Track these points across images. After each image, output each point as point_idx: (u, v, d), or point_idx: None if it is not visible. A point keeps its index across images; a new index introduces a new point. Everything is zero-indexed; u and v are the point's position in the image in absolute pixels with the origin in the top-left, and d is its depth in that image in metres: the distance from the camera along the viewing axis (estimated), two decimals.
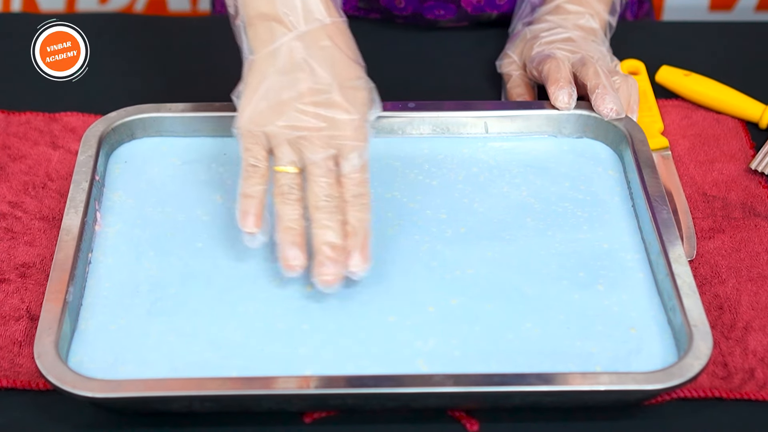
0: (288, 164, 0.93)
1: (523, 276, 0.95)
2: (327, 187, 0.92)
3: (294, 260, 0.91)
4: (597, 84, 1.05)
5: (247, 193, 0.93)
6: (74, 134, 1.11)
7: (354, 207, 0.92)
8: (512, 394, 0.85)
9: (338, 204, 0.92)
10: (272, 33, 0.94)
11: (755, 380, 0.90)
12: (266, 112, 0.93)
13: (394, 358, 0.88)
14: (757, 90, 1.17)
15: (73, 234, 0.94)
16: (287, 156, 0.93)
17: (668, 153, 1.10)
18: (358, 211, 0.92)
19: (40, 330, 0.86)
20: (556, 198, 1.02)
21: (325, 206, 0.91)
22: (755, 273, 0.99)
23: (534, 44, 1.12)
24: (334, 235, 0.91)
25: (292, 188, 0.92)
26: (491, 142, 1.08)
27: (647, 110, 1.13)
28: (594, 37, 1.13)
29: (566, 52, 1.09)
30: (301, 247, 0.91)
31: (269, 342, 0.89)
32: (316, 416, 0.87)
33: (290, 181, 0.93)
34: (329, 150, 0.92)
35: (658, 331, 0.91)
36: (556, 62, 1.08)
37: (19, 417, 0.87)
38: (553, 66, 1.08)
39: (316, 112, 0.92)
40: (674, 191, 1.05)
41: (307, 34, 0.93)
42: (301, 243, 0.91)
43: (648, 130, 1.10)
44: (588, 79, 1.06)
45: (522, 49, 1.15)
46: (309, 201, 0.92)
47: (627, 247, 0.98)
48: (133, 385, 0.84)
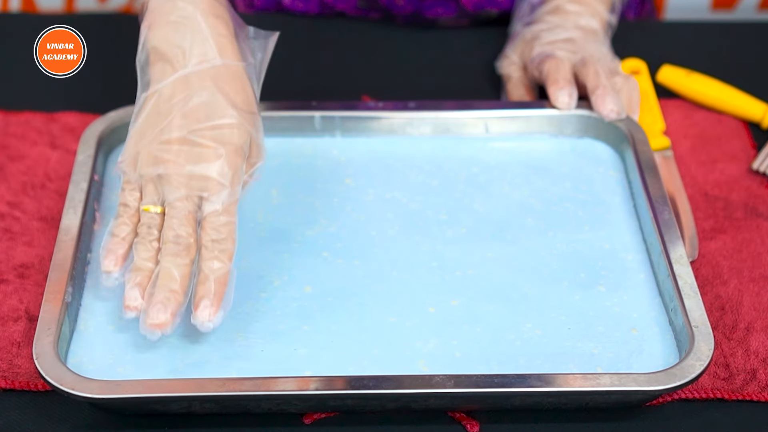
0: (150, 204, 0.90)
1: (524, 276, 0.95)
2: (177, 227, 0.89)
3: (131, 301, 0.87)
4: (597, 84, 1.05)
5: (114, 232, 0.90)
6: (73, 134, 1.11)
7: (210, 253, 0.88)
8: (513, 395, 0.85)
9: (187, 246, 0.89)
10: (163, 72, 0.93)
11: (757, 381, 0.90)
12: (139, 154, 0.91)
13: (395, 358, 0.88)
14: (759, 90, 1.17)
15: (72, 234, 0.93)
16: (150, 196, 0.90)
17: (670, 153, 1.09)
18: (212, 258, 0.88)
19: (38, 330, 0.86)
20: (557, 198, 1.02)
21: (171, 249, 0.88)
22: (757, 273, 0.98)
23: (534, 45, 1.12)
24: (171, 279, 0.87)
25: (151, 228, 0.90)
26: (492, 142, 1.08)
27: (648, 110, 1.13)
28: (594, 37, 1.13)
29: (567, 53, 1.09)
30: (142, 289, 0.88)
31: (269, 343, 0.89)
32: (316, 417, 0.87)
33: (150, 221, 0.90)
34: (189, 191, 0.89)
35: (660, 331, 0.91)
36: (556, 62, 1.08)
37: (18, 418, 0.87)
38: (553, 66, 1.07)
39: (179, 150, 0.90)
40: (676, 192, 1.05)
41: (192, 75, 0.92)
42: (145, 284, 0.88)
43: (649, 130, 1.10)
44: (588, 79, 1.06)
45: (522, 49, 1.15)
46: (161, 242, 0.90)
47: (628, 248, 0.98)
48: (132, 386, 0.84)
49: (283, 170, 1.04)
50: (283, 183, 1.03)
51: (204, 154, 0.90)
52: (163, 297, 0.86)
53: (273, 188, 1.02)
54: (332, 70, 1.16)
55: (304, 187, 1.03)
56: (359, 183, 1.03)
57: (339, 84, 1.08)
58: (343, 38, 1.27)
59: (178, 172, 0.89)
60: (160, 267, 0.88)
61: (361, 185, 1.03)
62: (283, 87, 1.17)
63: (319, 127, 1.07)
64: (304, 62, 1.08)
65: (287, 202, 1.01)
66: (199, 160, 0.89)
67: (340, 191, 1.02)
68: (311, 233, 0.98)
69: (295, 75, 1.20)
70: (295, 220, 0.99)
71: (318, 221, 0.99)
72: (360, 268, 0.95)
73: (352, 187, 1.03)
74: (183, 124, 0.90)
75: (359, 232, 0.98)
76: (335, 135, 1.07)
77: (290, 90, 1.14)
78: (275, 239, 0.97)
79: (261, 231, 0.98)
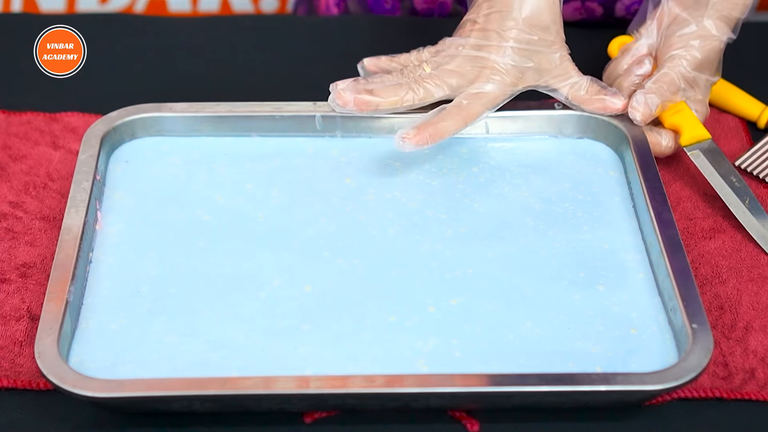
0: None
1: (524, 276, 0.95)
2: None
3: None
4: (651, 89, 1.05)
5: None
6: (75, 134, 1.11)
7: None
8: (513, 394, 0.85)
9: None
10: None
11: (756, 380, 0.90)
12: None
13: (395, 358, 0.88)
14: (758, 90, 1.17)
15: (74, 233, 0.94)
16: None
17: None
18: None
19: (40, 329, 0.86)
20: (556, 198, 1.02)
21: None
22: (756, 273, 0.99)
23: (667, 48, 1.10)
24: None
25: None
26: (492, 142, 1.08)
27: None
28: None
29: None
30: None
31: (269, 342, 0.89)
32: (316, 416, 0.87)
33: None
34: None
35: (659, 331, 0.91)
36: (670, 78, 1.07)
37: (20, 417, 0.87)
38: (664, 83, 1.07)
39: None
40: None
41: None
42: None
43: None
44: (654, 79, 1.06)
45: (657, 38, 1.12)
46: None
47: (627, 248, 0.98)
48: (134, 385, 0.84)
49: (284, 170, 1.04)
50: (283, 182, 1.03)
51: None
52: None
53: (274, 188, 1.02)
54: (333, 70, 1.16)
55: (304, 186, 1.03)
56: (359, 183, 1.03)
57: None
58: (344, 38, 1.27)
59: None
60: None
61: (361, 185, 1.03)
62: (283, 87, 1.17)
63: (320, 127, 1.07)
64: (304, 62, 1.09)
65: (288, 201, 1.01)
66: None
67: (340, 191, 1.02)
68: (311, 232, 0.98)
69: (296, 75, 1.20)
70: (296, 220, 0.99)
71: (318, 220, 0.99)
72: (360, 267, 0.95)
73: (353, 187, 1.03)
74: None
75: (359, 231, 0.98)
76: (336, 135, 1.07)
77: (291, 90, 1.14)
78: (275, 238, 0.97)
79: (261, 230, 0.98)
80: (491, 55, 1.04)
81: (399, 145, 1.00)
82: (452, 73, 1.03)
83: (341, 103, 1.02)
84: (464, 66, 1.04)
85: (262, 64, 1.23)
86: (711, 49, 1.08)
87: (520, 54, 1.04)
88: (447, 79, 1.03)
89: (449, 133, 1.02)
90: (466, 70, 1.04)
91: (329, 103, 1.03)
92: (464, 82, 1.04)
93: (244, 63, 1.23)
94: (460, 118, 1.02)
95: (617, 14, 1.30)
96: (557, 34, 1.05)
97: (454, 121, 1.02)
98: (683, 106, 1.06)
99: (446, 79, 1.03)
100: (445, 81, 1.03)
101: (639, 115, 1.05)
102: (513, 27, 1.03)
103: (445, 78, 1.03)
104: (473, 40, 1.04)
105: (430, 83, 1.03)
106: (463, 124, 1.02)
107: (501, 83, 1.04)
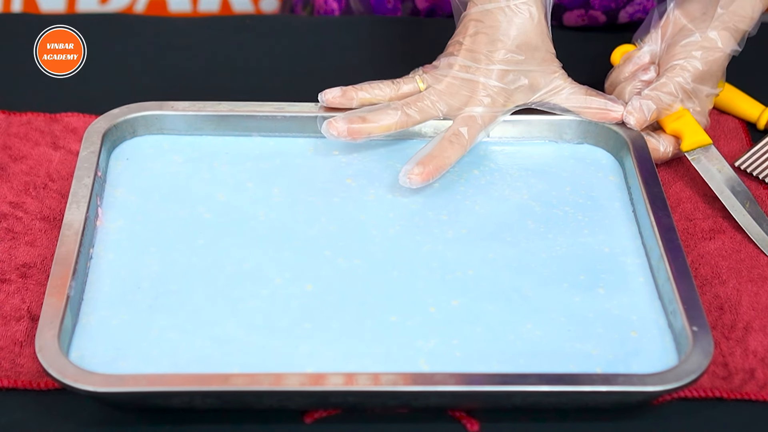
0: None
1: (524, 278, 0.95)
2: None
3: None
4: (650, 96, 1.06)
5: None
6: (75, 135, 1.11)
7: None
8: (513, 394, 0.85)
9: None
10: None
11: (756, 380, 0.90)
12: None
13: (396, 357, 0.88)
14: (757, 91, 1.17)
15: (74, 229, 0.94)
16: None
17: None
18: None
19: (41, 324, 0.86)
20: (557, 202, 1.02)
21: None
22: (755, 274, 0.99)
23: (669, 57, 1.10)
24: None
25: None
26: (492, 146, 1.08)
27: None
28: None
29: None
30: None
31: (271, 339, 0.89)
32: (317, 416, 0.87)
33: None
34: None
35: (659, 334, 0.91)
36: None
37: (21, 417, 0.87)
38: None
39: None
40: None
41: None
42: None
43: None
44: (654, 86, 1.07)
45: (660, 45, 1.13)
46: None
47: (627, 252, 0.98)
48: (135, 380, 0.84)
49: (285, 170, 1.04)
50: (284, 182, 1.03)
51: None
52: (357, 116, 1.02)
53: (275, 187, 1.02)
54: (333, 70, 1.16)
55: (305, 186, 1.03)
56: (360, 183, 1.03)
57: (340, 84, 1.08)
58: (344, 38, 1.28)
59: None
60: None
61: (362, 185, 1.03)
62: (284, 87, 1.17)
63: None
64: (305, 62, 1.09)
65: (289, 201, 1.01)
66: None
67: (341, 191, 1.02)
68: (312, 232, 0.98)
69: (296, 75, 1.21)
70: (297, 219, 0.99)
71: (319, 220, 0.99)
72: (361, 267, 0.95)
73: (354, 187, 1.03)
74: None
75: (360, 231, 0.98)
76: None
77: (291, 90, 1.14)
78: (277, 237, 0.97)
79: (262, 229, 0.98)
80: (479, 78, 1.04)
81: (405, 183, 1.00)
82: (443, 94, 1.04)
83: (336, 134, 1.02)
84: (455, 88, 1.04)
85: (262, 64, 1.23)
86: (714, 60, 1.08)
87: (509, 75, 1.04)
88: (440, 100, 1.04)
89: (452, 163, 1.03)
90: (458, 92, 1.04)
91: (323, 132, 1.03)
92: (456, 104, 1.04)
93: (244, 63, 1.23)
94: (460, 146, 1.03)
95: (620, 21, 1.30)
96: (546, 51, 1.06)
97: (454, 150, 1.02)
98: (685, 112, 1.07)
99: (439, 100, 1.04)
100: (438, 102, 1.04)
101: (633, 119, 1.05)
102: (501, 48, 1.04)
103: (438, 99, 1.04)
104: (461, 60, 1.05)
105: (424, 104, 1.04)
106: (463, 152, 1.03)
107: (492, 105, 1.04)
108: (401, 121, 1.03)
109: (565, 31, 1.29)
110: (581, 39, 1.16)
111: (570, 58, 1.09)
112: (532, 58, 1.04)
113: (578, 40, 1.06)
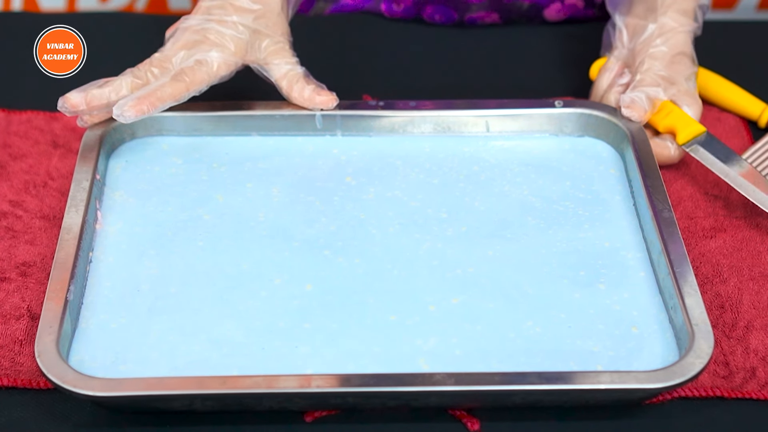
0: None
1: (524, 275, 0.95)
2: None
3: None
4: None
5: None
6: (75, 133, 1.11)
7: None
8: (513, 392, 0.85)
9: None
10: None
11: (756, 379, 0.90)
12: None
13: (395, 357, 0.88)
14: (758, 89, 1.17)
15: (74, 233, 0.94)
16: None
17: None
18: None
19: (40, 329, 0.86)
20: (557, 197, 1.02)
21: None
22: (757, 272, 0.99)
23: (638, 55, 1.12)
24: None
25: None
26: (492, 141, 1.08)
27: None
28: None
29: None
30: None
31: (270, 341, 0.89)
32: (317, 415, 0.87)
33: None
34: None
35: (660, 329, 0.91)
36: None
37: (20, 416, 0.87)
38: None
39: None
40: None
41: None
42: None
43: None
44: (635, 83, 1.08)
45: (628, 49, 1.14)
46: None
47: (628, 246, 0.98)
48: (134, 384, 0.84)
49: (284, 169, 1.04)
50: (284, 182, 1.03)
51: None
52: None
53: (274, 187, 1.02)
54: (332, 70, 1.16)
55: (304, 185, 1.03)
56: (360, 182, 1.03)
57: (339, 83, 1.08)
58: (343, 37, 1.27)
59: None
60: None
61: (361, 184, 1.03)
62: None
63: (320, 126, 1.07)
64: (304, 62, 1.08)
65: (288, 200, 1.01)
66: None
67: (340, 190, 1.02)
68: (312, 231, 0.98)
69: None
70: (296, 219, 0.99)
71: (319, 219, 0.99)
72: (361, 266, 0.95)
73: (353, 186, 1.03)
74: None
75: (360, 230, 0.99)
76: (336, 134, 1.07)
77: None
78: (276, 237, 0.97)
79: (262, 229, 0.98)
80: (214, 26, 1.05)
81: (118, 116, 1.00)
82: (178, 49, 1.05)
83: (71, 106, 1.02)
84: (189, 38, 1.05)
85: None
86: (676, 42, 1.10)
87: (244, 29, 1.06)
88: (173, 54, 1.05)
89: (171, 99, 1.02)
90: (190, 40, 1.05)
91: (59, 108, 1.02)
92: (190, 51, 1.05)
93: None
94: (183, 84, 1.03)
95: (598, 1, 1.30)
96: (279, 15, 1.07)
97: (174, 87, 1.02)
98: (672, 106, 1.07)
99: (173, 55, 1.05)
100: (171, 58, 1.05)
101: (633, 113, 1.06)
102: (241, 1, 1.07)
103: (172, 54, 1.05)
104: (200, 16, 1.06)
105: (157, 68, 1.04)
106: (185, 90, 1.03)
107: (223, 51, 1.05)
108: (137, 83, 1.03)
109: (549, 27, 1.29)
110: (567, 35, 1.17)
111: (557, 58, 1.08)
112: (268, 18, 1.07)
113: (564, 37, 1.06)
